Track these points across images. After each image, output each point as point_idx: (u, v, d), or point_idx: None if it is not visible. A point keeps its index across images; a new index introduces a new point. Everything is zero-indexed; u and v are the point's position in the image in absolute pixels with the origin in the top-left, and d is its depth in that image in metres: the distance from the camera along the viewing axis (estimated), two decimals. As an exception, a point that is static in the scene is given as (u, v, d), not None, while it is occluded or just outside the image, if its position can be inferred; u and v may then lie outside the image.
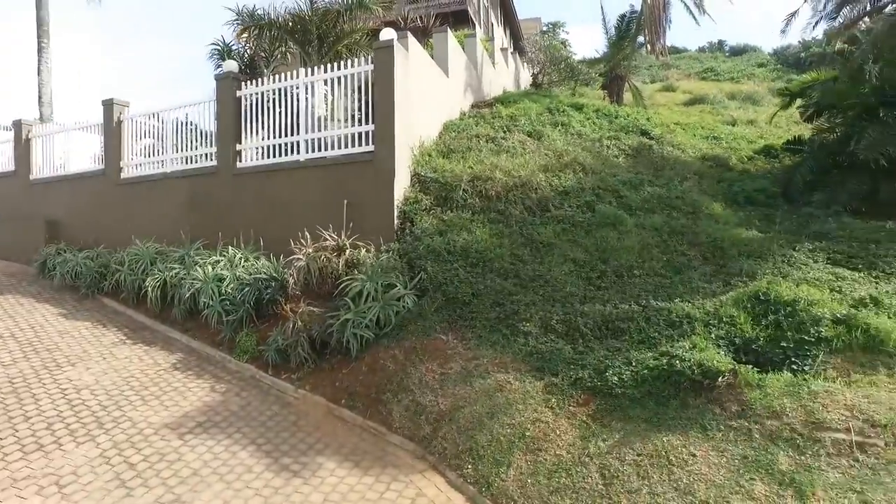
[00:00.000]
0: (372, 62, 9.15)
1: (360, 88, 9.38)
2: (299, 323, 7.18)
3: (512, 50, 24.97)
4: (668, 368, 5.42)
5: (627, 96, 20.43)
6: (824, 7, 11.24)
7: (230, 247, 9.29)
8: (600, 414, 5.44)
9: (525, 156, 10.60)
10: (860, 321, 5.56)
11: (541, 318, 6.93)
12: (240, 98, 10.17)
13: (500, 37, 32.10)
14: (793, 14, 12.47)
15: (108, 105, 11.77)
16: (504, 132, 11.79)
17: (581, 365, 6.00)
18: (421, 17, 14.49)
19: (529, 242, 8.38)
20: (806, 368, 5.37)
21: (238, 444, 5.68)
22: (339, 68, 9.47)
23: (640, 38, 19.30)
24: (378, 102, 8.99)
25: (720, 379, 5.07)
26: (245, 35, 12.75)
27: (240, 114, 10.16)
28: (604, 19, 18.87)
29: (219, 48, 13.31)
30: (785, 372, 5.28)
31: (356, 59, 9.48)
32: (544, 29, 27.92)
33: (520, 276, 7.78)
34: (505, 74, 20.26)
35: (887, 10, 10.57)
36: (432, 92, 11.22)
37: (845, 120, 10.97)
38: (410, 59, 9.67)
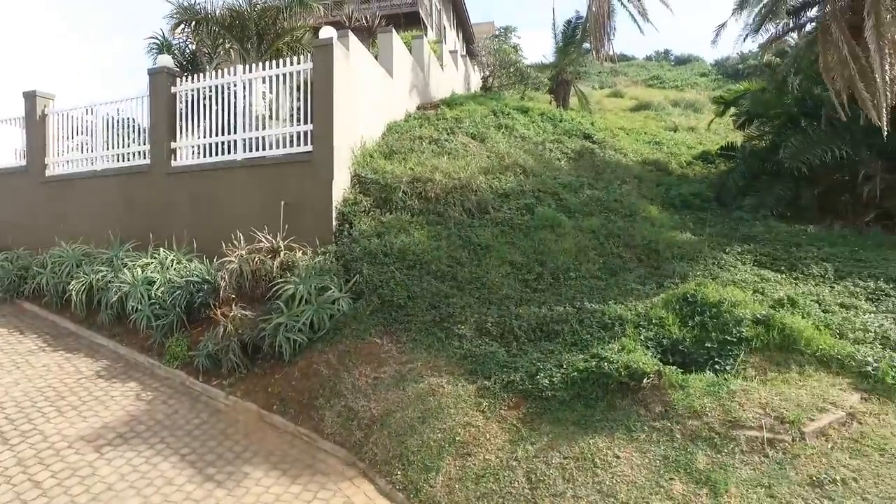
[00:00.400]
0: (311, 61, 8.99)
1: (299, 87, 9.21)
2: (231, 327, 6.95)
3: (463, 53, 25.06)
4: (596, 370, 5.48)
5: (575, 101, 20.86)
6: (752, 21, 11.71)
7: (162, 248, 8.95)
8: (530, 417, 5.45)
9: (467, 158, 10.62)
10: (777, 321, 5.79)
11: (476, 321, 6.94)
12: (175, 94, 9.81)
13: (453, 40, 32.26)
14: (721, 26, 12.98)
15: (31, 97, 11.16)
16: (448, 134, 11.79)
17: (514, 368, 6.01)
18: (366, 17, 14.33)
19: (467, 244, 8.39)
20: (727, 368, 5.55)
21: (160, 456, 5.44)
22: (277, 66, 9.26)
23: (587, 45, 19.64)
24: (317, 102, 8.85)
25: (645, 380, 5.17)
26: (180, 29, 12.31)
27: (174, 111, 9.80)
28: (553, 24, 19.08)
29: (157, 42, 12.82)
30: (708, 372, 5.44)
31: (296, 58, 9.29)
32: (497, 33, 28.12)
33: (457, 279, 7.77)
34: (454, 77, 20.32)
35: (806, 28, 11.10)
36: (375, 92, 11.12)
37: (772, 129, 11.48)
38: (352, 59, 9.54)
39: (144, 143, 10.13)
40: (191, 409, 6.48)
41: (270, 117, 9.48)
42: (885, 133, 8.24)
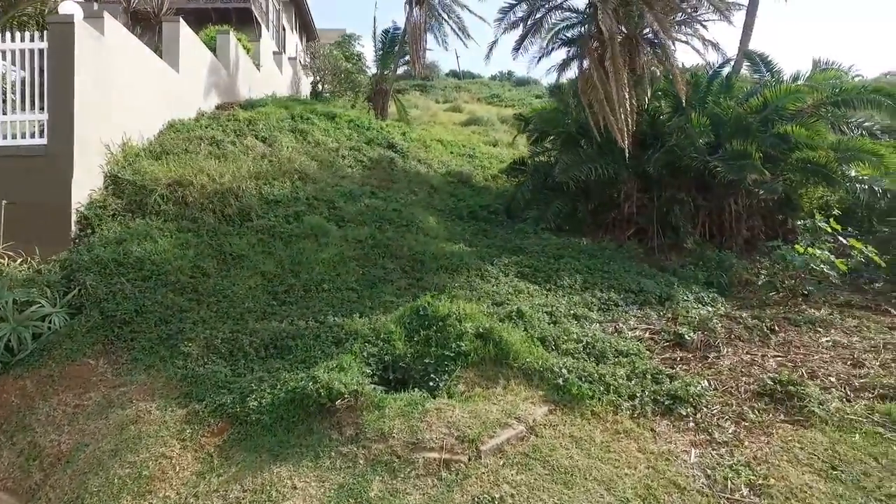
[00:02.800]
0: (46, 39, 7.77)
1: (42, 71, 7.92)
2: None
3: (292, 56, 24.05)
4: (301, 392, 5.01)
5: (413, 112, 20.79)
6: (545, 45, 12.21)
7: None
8: (230, 444, 4.85)
9: (247, 161, 9.84)
10: (496, 335, 5.71)
11: (206, 338, 6.28)
12: None
13: (295, 42, 31.11)
14: (493, 43, 13.57)
15: None
16: (235, 136, 10.95)
17: (230, 389, 5.41)
18: (153, 6, 12.96)
19: (219, 254, 7.67)
20: (441, 384, 5.35)
21: None
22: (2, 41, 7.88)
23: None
24: (53, 87, 7.71)
25: (339, 401, 4.78)
26: None
27: None
28: (374, 33, 18.93)
29: None
30: (415, 390, 5.18)
31: (27, 34, 7.97)
32: (339, 40, 27.54)
33: (198, 291, 7.05)
34: (278, 79, 19.37)
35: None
36: (150, 86, 10.00)
37: (554, 146, 12.03)
38: (108, 43, 8.47)
39: None
40: None
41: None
42: (627, 154, 8.83)
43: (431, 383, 5.38)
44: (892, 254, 8.90)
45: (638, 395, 5.11)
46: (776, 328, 7.16)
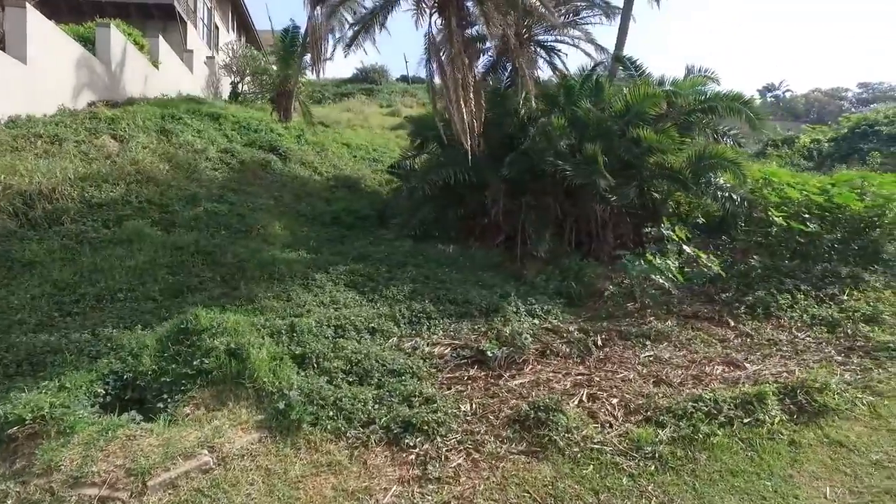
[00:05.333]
0: None
1: None
2: None
3: (214, 56, 23.31)
4: (-3, 417, 4.44)
5: (346, 115, 20.17)
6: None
7: None
8: None
9: (75, 162, 9.18)
10: (247, 350, 5.20)
11: (-48, 354, 5.62)
12: None
13: (231, 42, 30.37)
14: (337, 41, 13.20)
15: None
16: (88, 135, 10.31)
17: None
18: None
19: (6, 261, 7.04)
20: (170, 406, 4.83)
21: None
22: None
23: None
24: None
25: (16, 429, 4.22)
26: None
27: None
28: (272, 32, 18.29)
29: None
30: (132, 412, 4.65)
31: None
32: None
33: (-35, 301, 6.41)
34: (188, 80, 18.72)
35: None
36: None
37: (428, 150, 11.59)
38: None
39: None
40: None
41: None
42: (470, 156, 8.45)
43: (161, 404, 4.86)
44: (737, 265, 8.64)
45: (375, 421, 4.65)
46: (601, 343, 6.81)
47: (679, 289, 7.91)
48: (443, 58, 8.30)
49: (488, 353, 6.10)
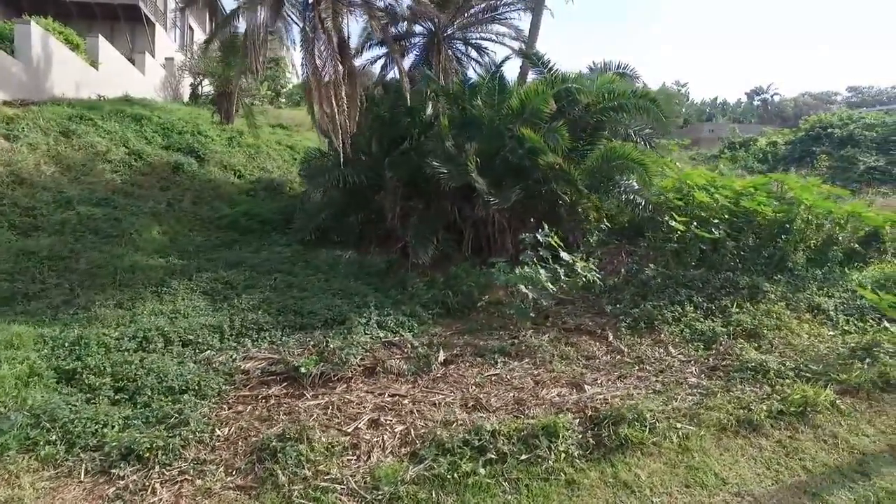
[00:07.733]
0: None
1: None
2: None
3: (172, 57, 23.06)
4: None
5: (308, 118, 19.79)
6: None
7: None
8: None
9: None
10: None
11: None
12: None
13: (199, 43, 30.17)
14: None
15: None
16: (-20, 135, 10.02)
17: None
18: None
19: None
20: None
21: None
22: None
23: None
24: None
25: None
26: None
27: None
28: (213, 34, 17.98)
29: None
30: None
31: None
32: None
33: None
34: (138, 81, 18.42)
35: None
36: None
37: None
38: None
39: None
40: None
41: None
42: (342, 157, 7.97)
43: None
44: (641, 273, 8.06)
45: (105, 447, 4.17)
46: (446, 359, 6.26)
47: (573, 297, 7.39)
48: (315, 53, 7.86)
49: (301, 369, 5.61)
